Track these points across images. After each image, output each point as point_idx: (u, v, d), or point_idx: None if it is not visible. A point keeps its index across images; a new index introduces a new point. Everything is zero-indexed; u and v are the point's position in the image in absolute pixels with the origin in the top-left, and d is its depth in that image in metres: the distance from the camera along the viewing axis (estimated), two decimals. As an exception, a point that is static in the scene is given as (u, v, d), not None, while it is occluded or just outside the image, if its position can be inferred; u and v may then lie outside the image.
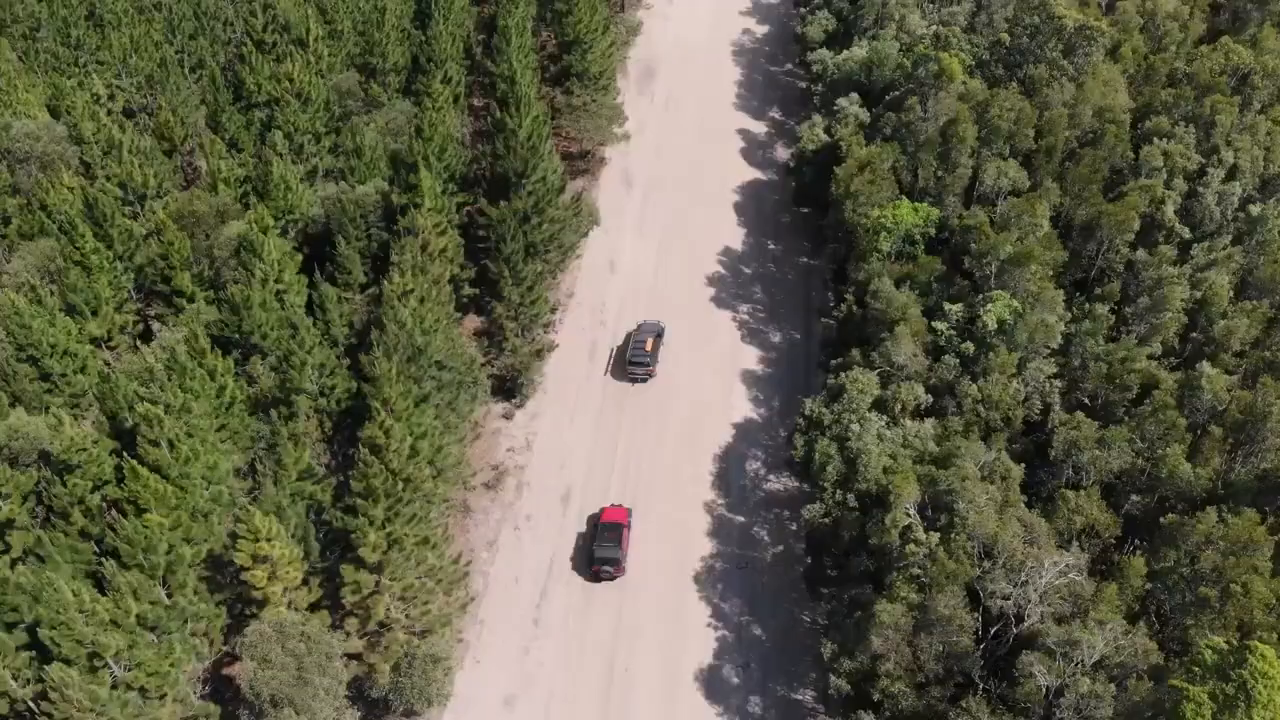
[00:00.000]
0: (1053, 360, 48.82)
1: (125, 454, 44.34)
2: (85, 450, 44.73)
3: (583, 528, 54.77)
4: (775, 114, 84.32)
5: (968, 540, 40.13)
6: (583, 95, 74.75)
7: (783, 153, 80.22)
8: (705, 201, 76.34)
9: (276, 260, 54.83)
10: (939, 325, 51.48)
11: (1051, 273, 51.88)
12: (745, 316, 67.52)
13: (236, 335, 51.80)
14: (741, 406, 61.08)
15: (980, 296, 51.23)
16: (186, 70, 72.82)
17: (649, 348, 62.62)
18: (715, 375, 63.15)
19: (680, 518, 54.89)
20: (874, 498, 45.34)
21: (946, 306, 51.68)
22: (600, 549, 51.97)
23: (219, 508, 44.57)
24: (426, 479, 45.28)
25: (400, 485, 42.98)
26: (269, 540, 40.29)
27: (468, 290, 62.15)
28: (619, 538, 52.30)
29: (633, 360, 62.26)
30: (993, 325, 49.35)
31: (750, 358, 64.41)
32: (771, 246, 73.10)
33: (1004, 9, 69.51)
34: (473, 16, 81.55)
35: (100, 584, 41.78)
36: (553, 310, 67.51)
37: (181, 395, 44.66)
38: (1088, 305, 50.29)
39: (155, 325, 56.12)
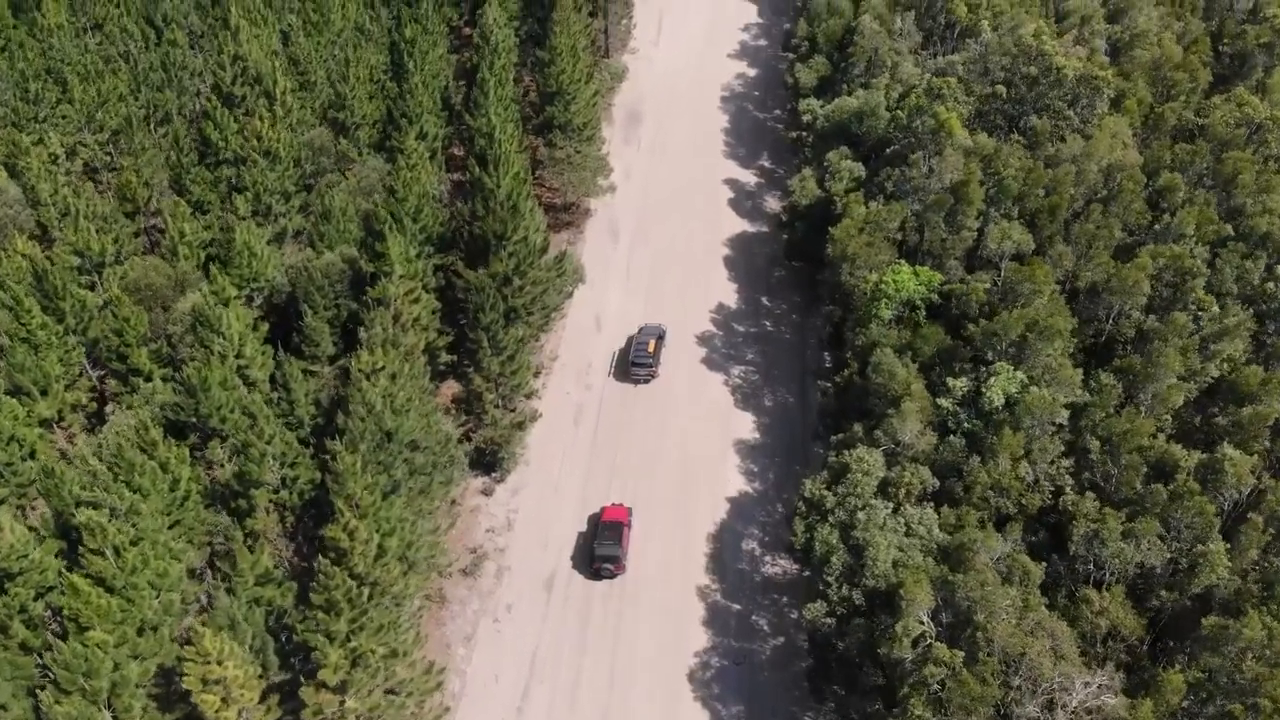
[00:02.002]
0: (1059, 438, 45.57)
1: (70, 559, 40.89)
2: (27, 556, 41.22)
3: (569, 617, 51.21)
4: (764, 162, 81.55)
5: (989, 656, 36.73)
6: (566, 147, 71.85)
7: (773, 203, 77.41)
8: (694, 255, 73.39)
9: (238, 333, 51.51)
10: (943, 402, 48.30)
11: (1069, 348, 48.74)
12: (738, 379, 64.30)
13: (193, 419, 48.35)
14: (735, 480, 57.70)
15: (984, 370, 48.10)
16: (153, 125, 69.64)
17: (651, 349, 63.50)
18: (707, 444, 59.80)
19: (673, 605, 51.33)
20: (883, 596, 41.96)
21: (950, 382, 48.51)
22: (601, 547, 52.13)
23: (170, 618, 40.93)
24: (396, 579, 41.69)
25: (366, 593, 39.43)
26: (221, 662, 36.63)
27: (445, 357, 58.85)
28: (619, 536, 52.64)
29: (635, 361, 63.02)
30: (998, 402, 46.20)
31: (744, 425, 61.13)
32: (765, 302, 70.04)
33: (1001, 58, 66.91)
34: (451, 65, 78.70)
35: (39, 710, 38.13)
36: (535, 374, 64.30)
37: (129, 496, 41.10)
38: (1098, 377, 47.10)
39: (109, 407, 52.51)
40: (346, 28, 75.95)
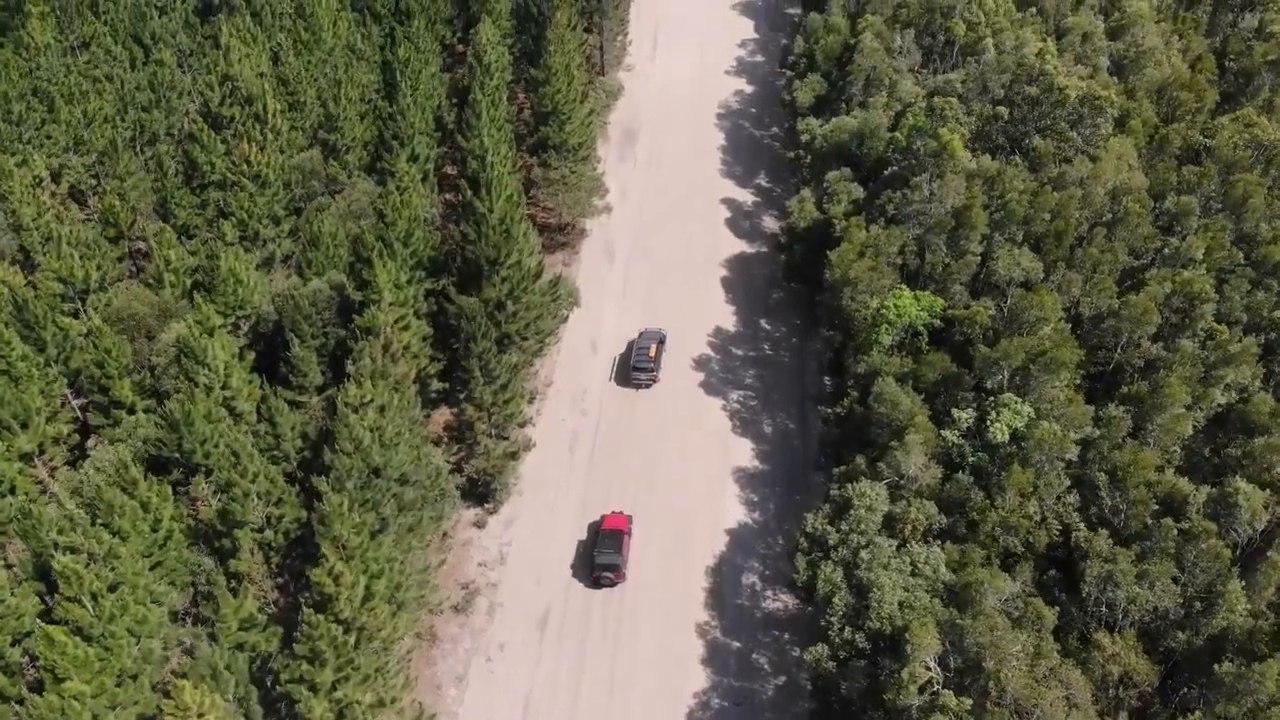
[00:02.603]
0: (1067, 473, 44.28)
1: (48, 601, 39.54)
2: (3, 601, 39.88)
3: (564, 655, 49.80)
4: (762, 180, 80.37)
5: (999, 704, 35.40)
6: (561, 168, 70.64)
7: (770, 222, 76.22)
8: (692, 276, 72.14)
9: (224, 364, 50.19)
10: (948, 434, 47.01)
11: (1075, 379, 47.53)
12: (737, 404, 62.97)
13: (176, 454, 46.99)
14: (734, 510, 56.33)
15: (990, 400, 46.84)
16: (140, 147, 68.34)
17: (652, 354, 63.37)
18: (706, 473, 58.46)
19: (671, 643, 49.89)
20: (887, 639, 40.61)
21: (955, 413, 47.24)
22: (601, 555, 51.89)
23: (149, 665, 39.51)
24: (384, 624, 40.37)
25: (352, 639, 38.10)
26: (201, 715, 35.24)
27: (437, 385, 57.54)
28: (619, 544, 52.36)
29: (636, 366, 62.94)
30: (1004, 437, 44.94)
31: (743, 452, 59.78)
32: (764, 325, 68.76)
33: (999, 76, 65.86)
34: (444, 83, 77.53)
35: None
36: (530, 400, 63.01)
37: (108, 540, 39.70)
38: (1106, 409, 45.82)
39: (91, 440, 51.09)
40: (338, 45, 74.77)
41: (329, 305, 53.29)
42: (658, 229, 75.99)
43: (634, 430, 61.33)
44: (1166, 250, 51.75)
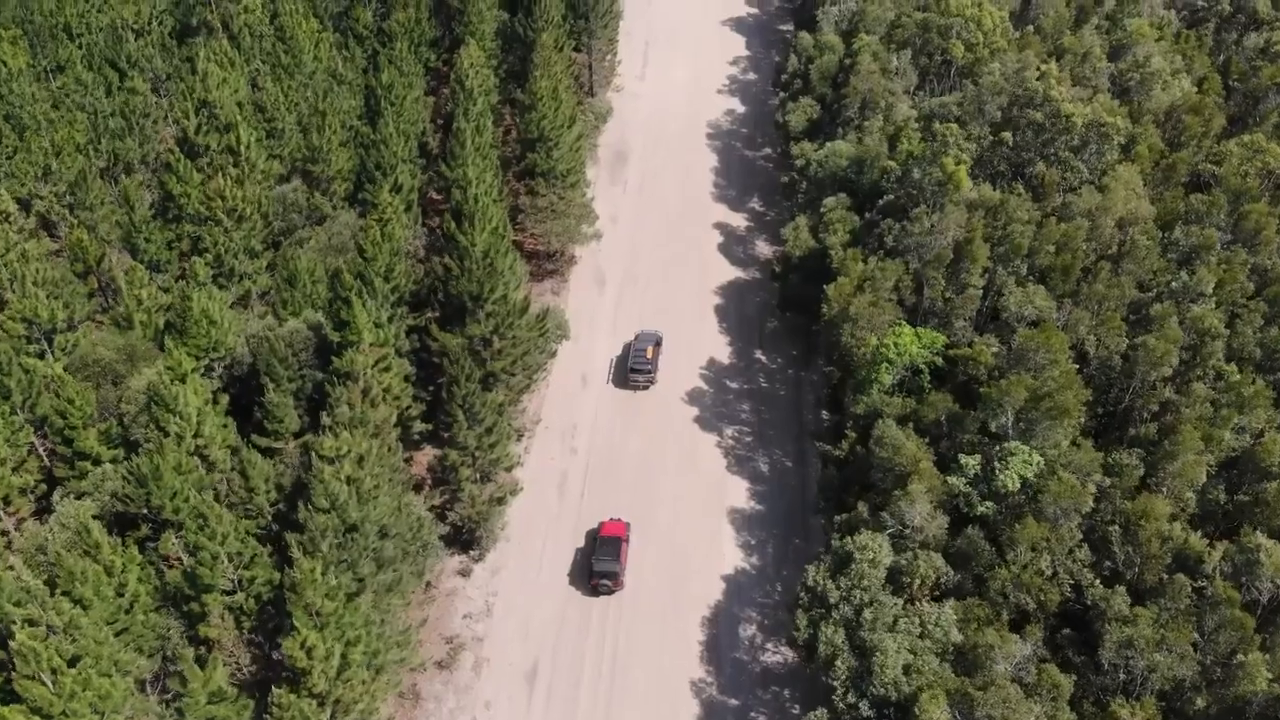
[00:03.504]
0: (1079, 526, 42.30)
1: (8, 673, 37.19)
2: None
3: (553, 715, 47.59)
4: (755, 204, 78.39)
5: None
6: (549, 195, 68.53)
7: (764, 248, 74.25)
8: (684, 304, 70.09)
9: (196, 410, 47.92)
10: (954, 481, 44.99)
11: (1082, 419, 45.57)
12: (731, 440, 60.90)
13: (144, 510, 44.74)
14: (731, 554, 54.22)
15: (998, 448, 44.82)
16: (113, 177, 66.07)
17: (650, 355, 63.17)
18: (701, 515, 56.34)
19: (665, 703, 47.58)
20: (894, 707, 38.50)
21: (962, 459, 45.23)
22: (599, 562, 51.64)
23: (111, 744, 37.22)
24: (360, 696, 38.17)
25: (327, 714, 35.89)
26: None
27: (420, 426, 55.41)
28: (617, 551, 52.12)
29: (634, 368, 62.81)
30: (1013, 486, 42.93)
31: (739, 491, 57.69)
32: (758, 356, 66.73)
33: (997, 97, 63.99)
34: (429, 107, 75.47)
35: None
36: (518, 437, 60.88)
37: (68, 610, 37.38)
38: (1116, 457, 43.83)
39: (57, 493, 48.72)
40: (319, 69, 72.64)
41: (306, 346, 51.13)
42: (649, 255, 73.94)
43: (626, 469, 59.22)
44: (1175, 284, 49.82)
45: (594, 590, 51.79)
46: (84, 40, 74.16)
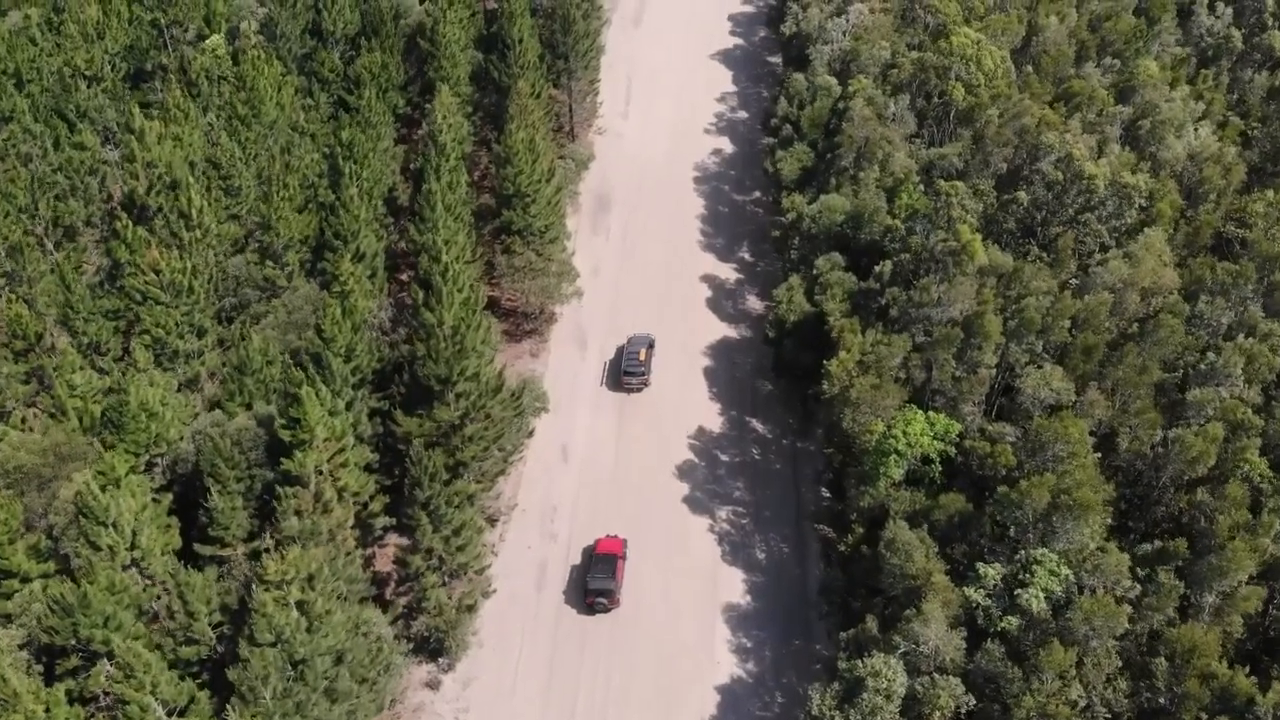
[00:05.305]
0: (1116, 652, 37.93)
1: None
2: None
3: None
4: (745, 253, 74.07)
5: None
6: (526, 253, 64.06)
7: (754, 303, 69.94)
8: (671, 365, 65.60)
9: (132, 519, 43.21)
10: (972, 593, 40.61)
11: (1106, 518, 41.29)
12: (725, 524, 56.42)
13: (72, 641, 40.01)
14: (726, 660, 49.69)
15: (1020, 556, 40.47)
16: (52, 245, 61.33)
17: (642, 358, 63.21)
18: (692, 613, 51.86)
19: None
20: None
21: (980, 569, 40.86)
22: (594, 580, 51.10)
23: None
24: None
25: None
26: None
27: (383, 521, 50.85)
28: (613, 568, 51.53)
29: (627, 370, 62.94)
30: (1040, 605, 38.57)
31: (734, 584, 53.21)
32: (751, 423, 62.34)
33: (1001, 149, 59.89)
34: (398, 158, 70.92)
35: None
36: (492, 522, 56.36)
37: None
38: (1155, 573, 39.39)
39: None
40: (280, 119, 67.89)
41: (256, 445, 46.46)
42: (633, 312, 69.40)
43: (611, 559, 54.63)
44: (1203, 366, 45.49)
45: (590, 609, 50.83)
46: (31, 88, 69.36)
